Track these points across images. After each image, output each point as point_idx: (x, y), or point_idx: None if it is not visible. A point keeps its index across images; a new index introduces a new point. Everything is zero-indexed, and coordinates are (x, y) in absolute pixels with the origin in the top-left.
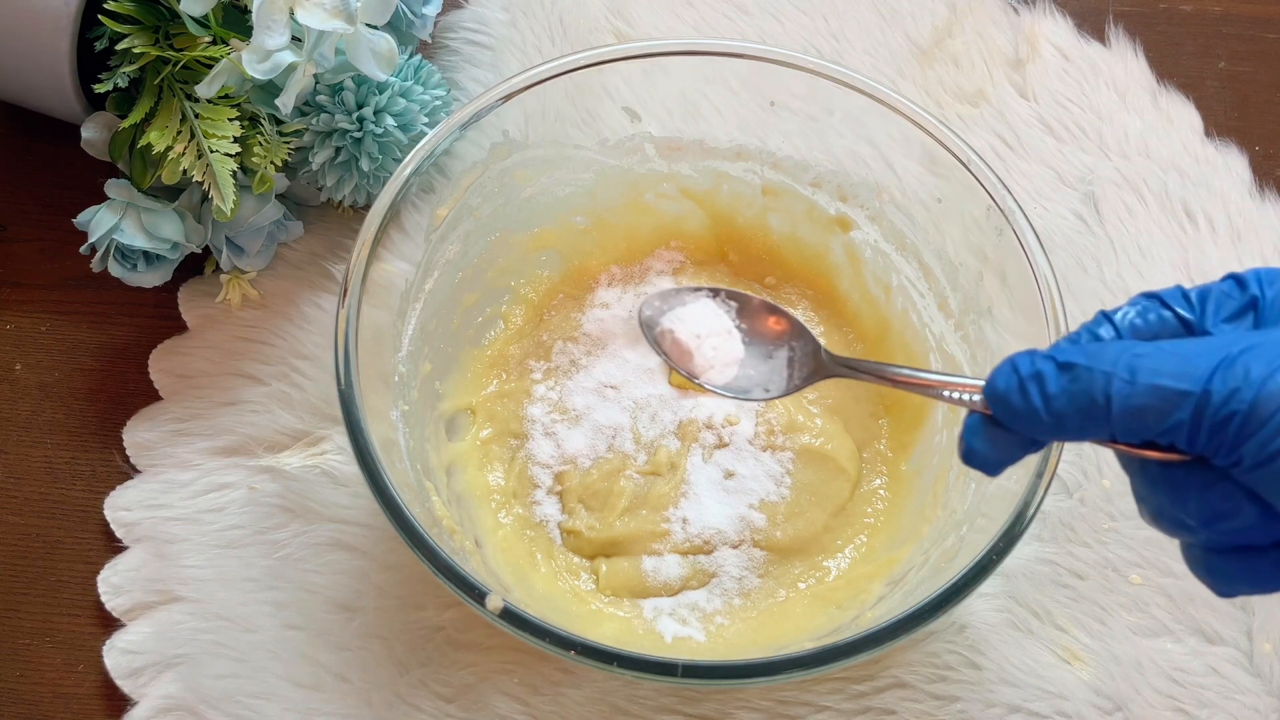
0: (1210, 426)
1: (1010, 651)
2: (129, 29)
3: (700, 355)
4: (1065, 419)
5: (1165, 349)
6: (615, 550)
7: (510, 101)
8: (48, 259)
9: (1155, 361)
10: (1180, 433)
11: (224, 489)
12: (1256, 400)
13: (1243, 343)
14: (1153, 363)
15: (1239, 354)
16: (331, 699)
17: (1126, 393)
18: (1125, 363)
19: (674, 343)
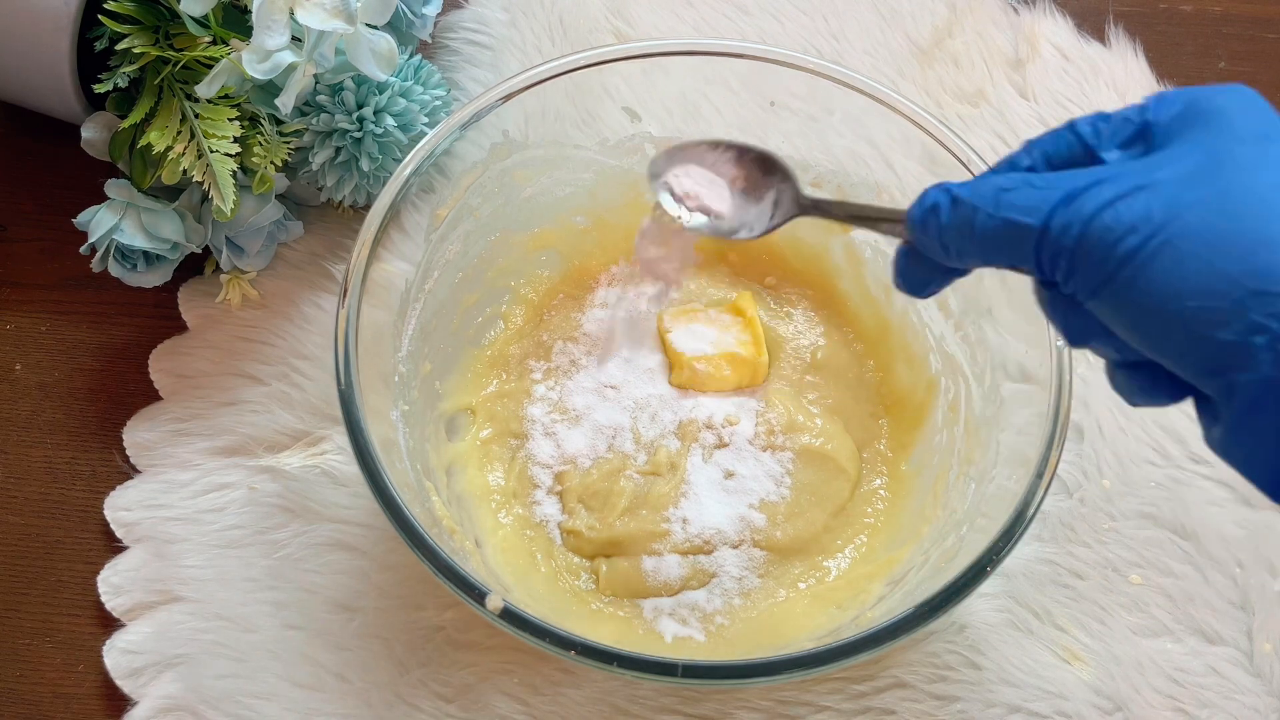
0: (1049, 260)
1: (1010, 651)
2: (129, 29)
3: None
4: (952, 247)
5: (1031, 182)
6: (615, 550)
7: (510, 101)
8: (48, 259)
9: (1016, 195)
10: (1030, 264)
11: (224, 489)
12: (1082, 235)
13: (1094, 176)
14: (1014, 196)
15: (1084, 188)
16: (331, 699)
17: (986, 225)
18: (991, 195)
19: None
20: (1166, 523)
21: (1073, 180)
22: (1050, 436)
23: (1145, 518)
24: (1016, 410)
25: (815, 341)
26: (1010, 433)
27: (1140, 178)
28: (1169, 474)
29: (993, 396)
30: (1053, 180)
